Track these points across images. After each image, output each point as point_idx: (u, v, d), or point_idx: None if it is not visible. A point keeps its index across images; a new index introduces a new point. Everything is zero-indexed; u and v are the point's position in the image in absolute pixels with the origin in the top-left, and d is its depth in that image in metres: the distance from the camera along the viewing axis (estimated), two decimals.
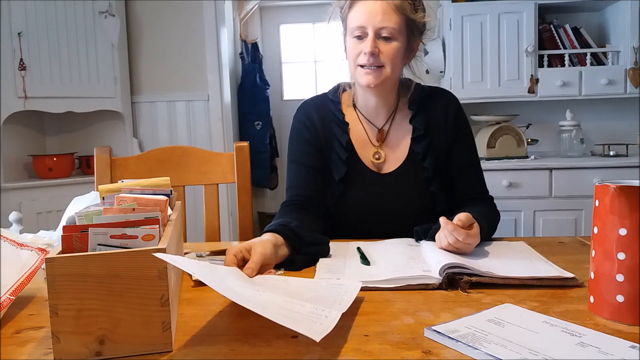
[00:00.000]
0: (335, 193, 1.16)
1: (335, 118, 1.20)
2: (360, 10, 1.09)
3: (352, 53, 1.12)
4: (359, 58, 1.10)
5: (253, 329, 0.65)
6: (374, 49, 1.08)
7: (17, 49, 2.53)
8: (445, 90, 1.26)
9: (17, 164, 2.75)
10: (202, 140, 3.07)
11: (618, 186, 0.63)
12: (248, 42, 3.43)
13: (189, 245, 1.14)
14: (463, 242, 0.89)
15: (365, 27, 1.08)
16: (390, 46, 1.09)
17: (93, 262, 0.56)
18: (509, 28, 2.62)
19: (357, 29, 1.09)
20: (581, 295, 0.73)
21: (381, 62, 1.09)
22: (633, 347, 0.55)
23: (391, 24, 1.08)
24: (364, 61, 1.09)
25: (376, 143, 1.20)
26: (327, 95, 1.24)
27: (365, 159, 1.19)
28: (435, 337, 0.60)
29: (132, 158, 1.41)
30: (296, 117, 1.24)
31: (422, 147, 1.16)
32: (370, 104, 1.19)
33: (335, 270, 0.87)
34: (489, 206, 1.20)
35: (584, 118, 2.79)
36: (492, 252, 0.95)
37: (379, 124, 1.21)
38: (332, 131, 1.19)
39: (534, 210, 2.48)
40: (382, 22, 1.07)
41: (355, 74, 1.14)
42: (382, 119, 1.21)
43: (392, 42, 1.09)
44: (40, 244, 0.86)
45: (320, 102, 1.23)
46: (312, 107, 1.23)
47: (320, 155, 1.18)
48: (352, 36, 1.11)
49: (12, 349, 0.62)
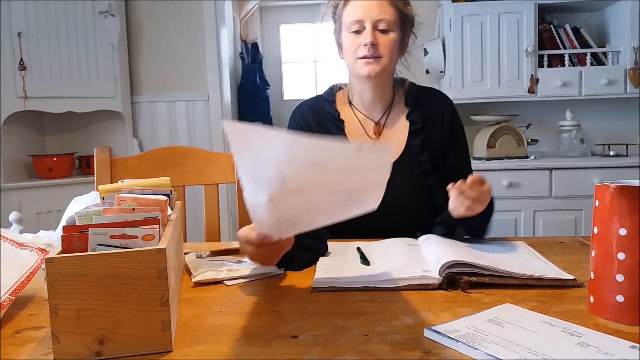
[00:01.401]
0: None
1: (331, 116, 1.23)
2: (356, 6, 1.14)
3: (351, 47, 1.16)
4: (358, 51, 1.14)
5: (253, 328, 0.65)
6: (374, 39, 1.12)
7: (17, 49, 2.53)
8: (440, 90, 1.31)
9: (17, 164, 2.76)
10: (202, 140, 3.07)
11: (618, 186, 0.63)
12: (248, 42, 3.43)
13: (189, 245, 1.14)
14: (479, 196, 0.93)
15: (363, 21, 1.13)
16: (387, 37, 1.14)
17: (93, 262, 0.56)
18: (509, 28, 2.62)
19: (355, 23, 1.14)
20: (581, 295, 0.73)
21: (380, 53, 1.13)
22: (633, 347, 0.55)
23: (387, 16, 1.13)
24: (364, 52, 1.13)
25: (373, 136, 1.23)
26: (322, 95, 1.28)
27: None
28: (435, 337, 0.60)
29: (132, 158, 1.41)
30: (291, 119, 1.27)
31: (419, 140, 1.20)
32: (366, 97, 1.23)
33: (335, 270, 0.88)
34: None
35: (584, 118, 2.79)
36: (492, 250, 0.95)
37: (376, 117, 1.24)
38: (328, 129, 1.22)
39: (534, 210, 2.48)
40: (379, 15, 1.12)
41: (355, 67, 1.17)
42: (378, 112, 1.24)
43: (389, 34, 1.14)
44: (40, 244, 0.86)
45: (315, 102, 1.27)
46: (307, 108, 1.26)
47: None
48: (349, 31, 1.15)
49: (12, 349, 0.62)
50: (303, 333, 0.63)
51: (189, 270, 0.90)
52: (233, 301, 0.75)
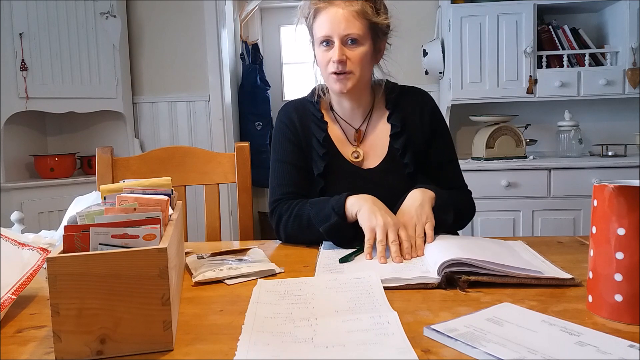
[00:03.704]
0: (316, 188, 1.18)
1: (314, 117, 1.22)
2: (323, 20, 1.12)
3: (322, 61, 1.15)
4: (328, 66, 1.13)
5: None
6: (341, 56, 1.10)
7: (19, 50, 2.54)
8: (420, 89, 1.28)
9: (19, 164, 2.76)
10: (202, 140, 3.07)
11: (616, 186, 0.63)
12: (249, 43, 3.44)
13: (190, 245, 1.14)
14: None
15: (331, 36, 1.11)
16: (356, 52, 1.11)
17: (94, 261, 0.56)
18: (508, 29, 2.62)
19: (323, 38, 1.12)
20: (580, 294, 0.74)
21: (349, 68, 1.12)
22: (631, 346, 0.55)
23: (355, 30, 1.10)
24: (333, 69, 1.12)
25: (354, 143, 1.22)
26: (306, 97, 1.28)
27: (346, 155, 1.21)
28: (435, 336, 0.60)
29: (134, 158, 1.41)
30: (278, 118, 1.27)
31: (400, 143, 1.18)
32: (345, 106, 1.22)
33: (334, 270, 0.88)
34: (463, 193, 1.24)
35: (583, 118, 2.80)
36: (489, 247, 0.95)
37: (356, 124, 1.23)
38: (311, 129, 1.21)
39: (533, 210, 2.49)
40: (346, 30, 1.09)
41: (328, 81, 1.17)
42: (358, 119, 1.23)
43: (358, 48, 1.11)
44: (41, 243, 0.86)
45: (299, 103, 1.27)
46: (291, 108, 1.26)
47: (302, 153, 1.21)
48: (319, 45, 1.14)
49: (14, 348, 0.62)
50: None
51: (189, 271, 0.90)
52: (234, 300, 0.76)
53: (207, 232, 1.42)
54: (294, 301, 0.72)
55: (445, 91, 2.76)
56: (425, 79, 2.90)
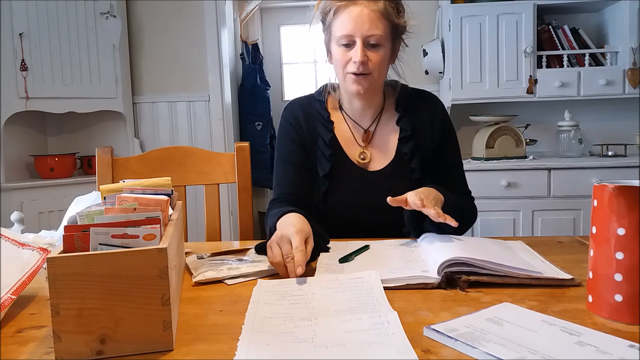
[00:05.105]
0: (321, 189, 1.17)
1: (321, 117, 1.21)
2: (346, 19, 1.09)
3: (341, 61, 1.12)
4: (348, 66, 1.11)
5: None
6: (363, 57, 1.08)
7: (19, 50, 2.54)
8: (431, 93, 1.27)
9: (19, 164, 2.76)
10: (202, 140, 3.07)
11: (616, 186, 0.63)
12: (249, 43, 3.44)
13: (190, 245, 1.14)
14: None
15: (353, 36, 1.08)
16: (378, 54, 1.10)
17: (94, 261, 0.56)
18: (508, 29, 2.62)
19: (344, 37, 1.09)
20: (580, 294, 0.74)
21: (369, 69, 1.10)
22: (632, 347, 0.55)
23: (379, 32, 1.08)
24: (353, 69, 1.09)
25: (362, 143, 1.21)
26: (314, 95, 1.26)
27: (352, 156, 1.20)
28: (435, 336, 0.60)
29: (134, 158, 1.41)
30: (283, 116, 1.26)
31: (409, 147, 1.17)
32: (355, 106, 1.21)
33: (334, 270, 0.88)
34: (467, 199, 1.24)
35: (583, 118, 2.80)
36: (489, 247, 0.95)
37: (365, 125, 1.22)
38: (317, 129, 1.20)
39: (533, 210, 2.49)
40: (369, 30, 1.07)
41: (344, 81, 1.15)
42: (368, 120, 1.22)
43: (380, 50, 1.10)
44: (41, 243, 0.86)
45: (306, 101, 1.25)
46: (298, 106, 1.24)
47: (306, 153, 1.20)
48: (338, 44, 1.11)
49: (14, 348, 0.62)
50: None
51: (189, 271, 0.90)
52: (234, 300, 0.76)
53: (207, 232, 1.42)
54: (294, 301, 0.72)
55: (445, 91, 2.76)
56: (425, 79, 2.90)
